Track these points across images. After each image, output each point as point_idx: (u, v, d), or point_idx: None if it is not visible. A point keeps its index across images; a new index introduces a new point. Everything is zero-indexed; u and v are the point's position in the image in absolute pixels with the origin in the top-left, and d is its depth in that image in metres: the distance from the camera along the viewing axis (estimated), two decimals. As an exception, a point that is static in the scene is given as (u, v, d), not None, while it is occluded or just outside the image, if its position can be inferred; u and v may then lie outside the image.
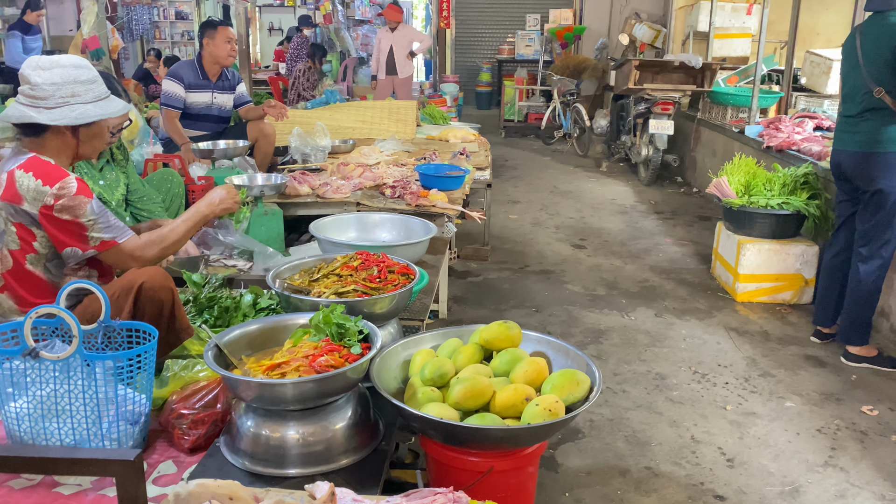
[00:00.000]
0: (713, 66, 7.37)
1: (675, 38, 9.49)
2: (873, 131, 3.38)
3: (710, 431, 2.91)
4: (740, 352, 3.65)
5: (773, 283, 4.33)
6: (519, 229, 5.88)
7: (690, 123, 7.85)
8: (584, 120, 9.28)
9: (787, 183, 4.48)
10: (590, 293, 4.45)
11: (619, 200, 7.03)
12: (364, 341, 1.97)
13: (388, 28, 9.05)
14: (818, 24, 8.82)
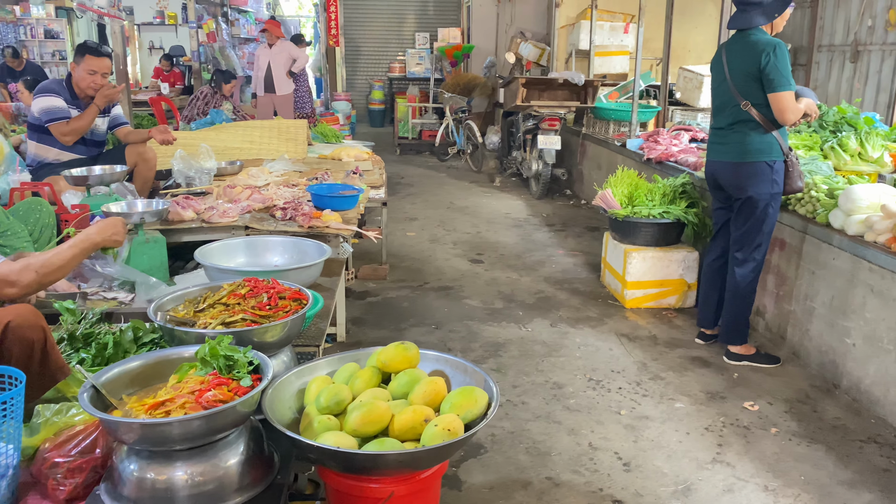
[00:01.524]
0: (594, 82, 7.68)
1: (559, 56, 9.84)
2: (742, 142, 3.61)
3: (606, 437, 2.99)
4: (631, 357, 3.79)
5: (658, 289, 4.53)
6: (417, 246, 5.88)
7: (576, 138, 8.14)
8: (476, 136, 9.44)
9: (666, 193, 4.71)
10: (488, 307, 4.50)
11: (513, 214, 7.18)
12: (255, 372, 1.90)
13: (266, 45, 8.93)
14: (689, 41, 9.40)
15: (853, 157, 4.36)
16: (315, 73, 13.13)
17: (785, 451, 2.90)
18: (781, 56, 3.41)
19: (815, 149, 4.57)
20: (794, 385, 3.49)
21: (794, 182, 3.56)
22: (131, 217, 3.02)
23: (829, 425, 3.11)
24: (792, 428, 3.08)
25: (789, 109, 3.38)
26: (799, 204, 3.82)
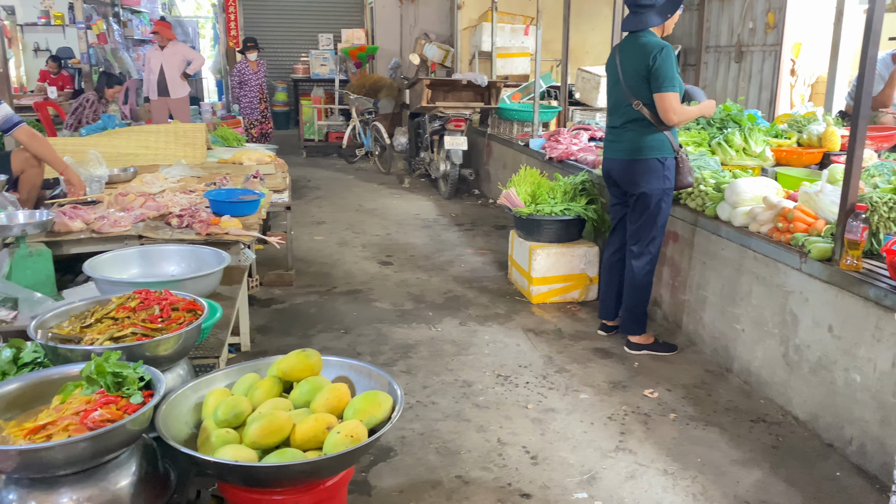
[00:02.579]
0: (497, 83, 7.81)
1: (463, 58, 9.94)
2: (635, 140, 3.74)
3: (514, 432, 3.04)
4: (538, 351, 3.87)
5: (562, 284, 4.65)
6: (325, 250, 5.81)
7: (482, 138, 8.25)
8: (384, 138, 9.41)
9: (567, 191, 4.84)
10: (398, 309, 4.49)
11: (422, 215, 7.19)
12: (147, 388, 1.82)
13: (157, 46, 8.62)
14: (587, 43, 9.69)
15: (738, 152, 4.61)
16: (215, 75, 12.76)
17: (683, 434, 3.03)
18: (667, 58, 3.56)
19: (703, 145, 4.80)
20: (690, 371, 3.65)
21: (685, 177, 3.73)
22: (11, 230, 2.84)
23: (723, 408, 3.28)
24: (689, 412, 3.23)
25: (671, 110, 3.52)
26: (689, 198, 4.00)
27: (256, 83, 9.33)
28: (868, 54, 2.77)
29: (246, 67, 9.28)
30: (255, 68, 9.28)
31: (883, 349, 2.68)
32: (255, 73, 9.32)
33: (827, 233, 3.16)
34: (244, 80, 9.27)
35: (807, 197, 3.44)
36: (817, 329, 3.04)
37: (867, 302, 2.75)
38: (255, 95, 9.38)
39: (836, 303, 2.92)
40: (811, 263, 3.05)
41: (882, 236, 2.99)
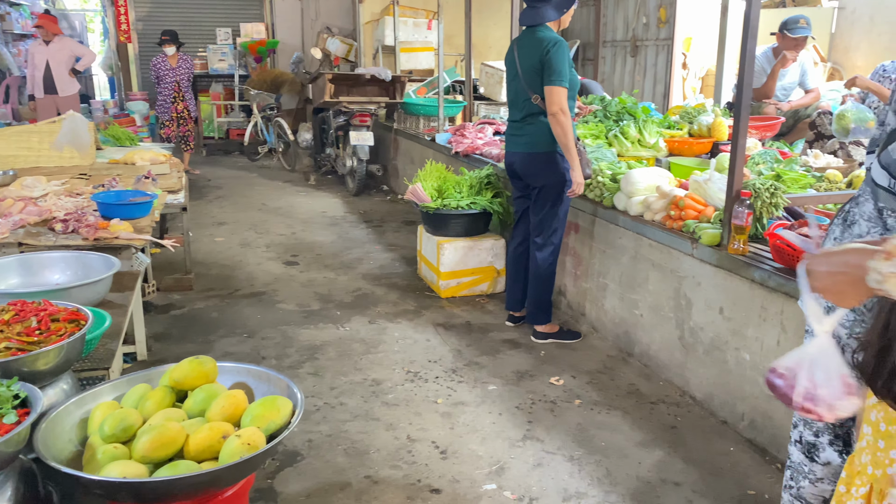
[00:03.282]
0: (402, 78, 7.78)
1: (366, 52, 9.85)
2: (535, 134, 3.80)
3: (424, 428, 3.03)
4: (448, 345, 3.88)
5: (471, 278, 4.68)
6: (226, 252, 5.62)
7: (389, 133, 8.21)
8: (287, 134, 9.21)
9: (473, 185, 4.87)
10: (304, 310, 4.39)
11: (329, 213, 7.08)
12: (22, 406, 1.70)
13: (41, 41, 8.10)
14: (490, 38, 9.79)
15: (633, 143, 4.76)
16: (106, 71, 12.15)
17: (587, 420, 3.11)
18: (559, 52, 3.62)
19: (601, 137, 4.93)
20: (594, 357, 3.74)
21: (583, 169, 3.82)
22: None
23: (625, 392, 3.38)
24: (593, 398, 3.31)
25: (556, 103, 3.56)
26: (588, 189, 4.10)
27: (172, 80, 8.65)
28: (747, 48, 2.90)
29: (163, 63, 8.59)
30: (173, 64, 8.60)
31: (768, 328, 2.83)
32: (174, 69, 8.61)
33: (716, 219, 3.31)
34: (160, 77, 8.59)
35: (696, 185, 3.59)
36: (709, 312, 3.17)
37: (753, 284, 2.89)
38: (170, 94, 8.71)
39: (726, 286, 3.06)
40: (702, 249, 3.18)
41: (765, 221, 3.15)
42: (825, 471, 1.99)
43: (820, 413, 1.36)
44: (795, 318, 2.69)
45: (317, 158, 9.00)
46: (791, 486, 2.08)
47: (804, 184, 3.62)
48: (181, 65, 8.63)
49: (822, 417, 1.34)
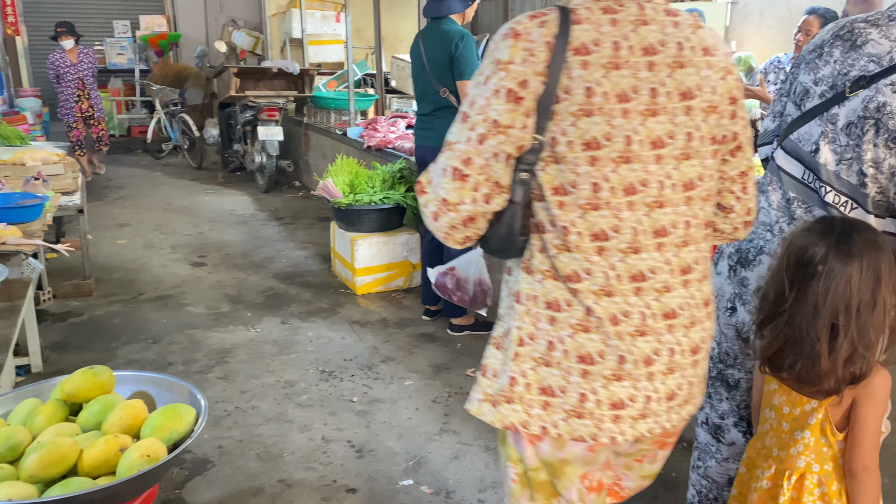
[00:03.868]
0: (311, 71, 7.63)
1: (274, 45, 9.62)
2: (444, 127, 3.72)
3: (339, 427, 2.98)
4: (363, 343, 3.83)
5: (386, 273, 4.65)
6: (129, 255, 5.37)
7: (299, 128, 8.04)
8: (192, 131, 8.90)
9: (386, 179, 4.83)
10: (213, 312, 4.25)
11: (238, 211, 6.89)
12: None
13: None
14: (400, 30, 9.73)
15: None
16: (-8, 65, 11.40)
17: (503, 410, 3.13)
18: (468, 46, 3.63)
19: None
20: (509, 348, 3.78)
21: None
22: None
23: (539, 380, 3.43)
24: (508, 388, 3.34)
25: None
26: (499, 181, 4.13)
27: (74, 77, 7.97)
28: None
29: (61, 59, 7.89)
30: (73, 59, 7.91)
31: (672, 312, 2.93)
32: (74, 65, 7.92)
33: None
34: (60, 75, 7.87)
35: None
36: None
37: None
38: (73, 93, 8.03)
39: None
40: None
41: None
42: (730, 451, 2.07)
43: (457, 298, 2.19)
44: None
45: (224, 155, 8.72)
46: (699, 465, 2.15)
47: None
48: (83, 59, 7.96)
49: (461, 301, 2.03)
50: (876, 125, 1.49)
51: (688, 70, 1.26)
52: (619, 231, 1.26)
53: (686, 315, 1.33)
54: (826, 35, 1.67)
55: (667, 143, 1.25)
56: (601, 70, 1.21)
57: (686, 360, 1.34)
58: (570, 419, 1.31)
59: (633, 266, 1.27)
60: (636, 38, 1.23)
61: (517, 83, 1.22)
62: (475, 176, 1.26)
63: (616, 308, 1.28)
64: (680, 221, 1.29)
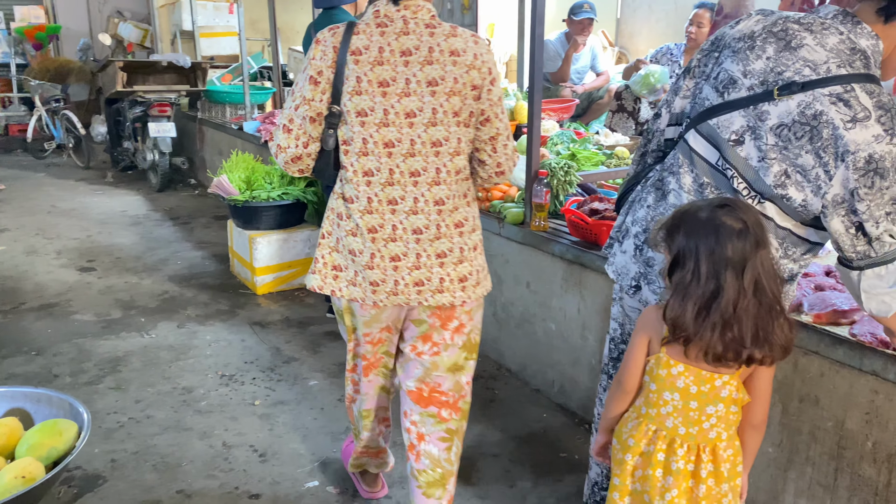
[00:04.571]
0: (203, 64, 7.37)
1: (164, 38, 9.23)
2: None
3: (241, 432, 2.89)
4: (265, 344, 3.73)
5: (288, 271, 4.54)
6: (8, 262, 5.02)
7: (194, 124, 7.75)
8: (77, 128, 8.41)
9: (284, 174, 4.72)
10: (103, 319, 4.03)
11: (130, 212, 6.57)
12: None
13: None
14: (297, 23, 9.53)
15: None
16: None
17: (409, 404, 3.13)
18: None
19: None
20: (415, 341, 3.78)
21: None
22: None
23: (445, 371, 3.44)
24: (414, 381, 3.34)
25: None
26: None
27: None
28: (536, 34, 3.03)
29: None
30: None
31: (569, 298, 3.00)
32: None
33: (519, 198, 3.45)
34: None
35: (501, 166, 3.72)
36: (518, 287, 3.31)
37: (554, 257, 3.05)
38: None
39: (530, 261, 3.20)
40: (508, 227, 3.30)
41: (562, 198, 3.33)
42: None
43: None
44: (592, 286, 2.87)
45: (114, 153, 8.30)
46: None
47: (596, 161, 3.87)
48: None
49: None
50: (811, 133, 1.50)
51: (435, 66, 1.86)
52: (379, 171, 1.90)
53: (432, 232, 1.94)
54: (756, 27, 1.66)
55: (417, 114, 1.87)
56: (368, 65, 1.84)
57: (432, 262, 1.96)
58: (349, 287, 1.99)
59: (390, 194, 1.91)
60: (397, 45, 1.85)
61: (316, 72, 1.87)
62: (296, 130, 1.93)
63: (375, 222, 1.92)
64: (431, 167, 1.91)
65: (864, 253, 1.53)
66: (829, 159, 1.48)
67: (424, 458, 2.15)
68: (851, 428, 1.94)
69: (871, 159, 1.45)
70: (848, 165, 1.46)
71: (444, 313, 2.05)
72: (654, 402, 1.62)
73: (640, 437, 1.63)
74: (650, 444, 1.63)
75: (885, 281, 1.56)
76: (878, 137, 1.45)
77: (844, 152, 1.46)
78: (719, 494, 1.58)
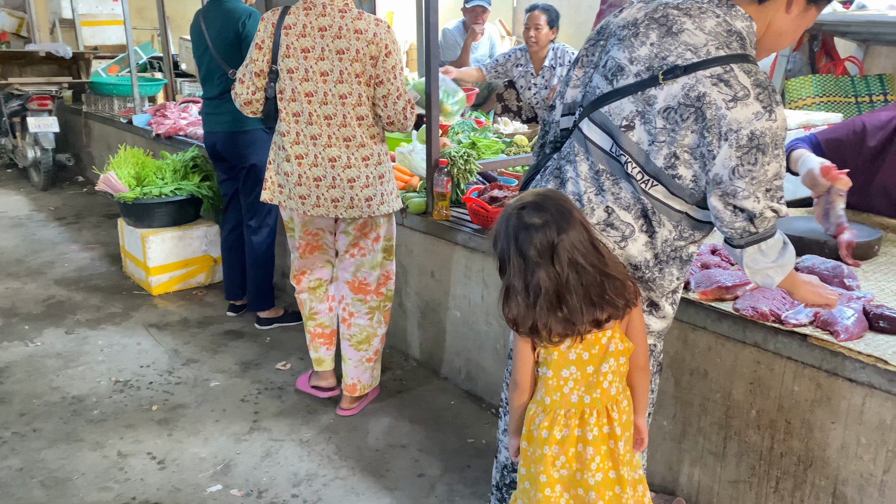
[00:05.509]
0: (85, 55, 6.98)
1: (42, 27, 8.66)
2: (235, 111, 3.59)
3: (138, 440, 2.76)
4: (162, 346, 3.58)
5: (184, 270, 4.37)
6: None
7: (79, 118, 7.31)
8: (-54, 124, 7.77)
9: (177, 169, 4.53)
10: (-19, 328, 3.76)
11: (11, 213, 6.15)
12: None
13: None
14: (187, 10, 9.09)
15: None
16: None
17: (315, 400, 3.07)
18: (256, 25, 3.48)
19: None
20: (320, 336, 3.71)
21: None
22: None
23: (352, 365, 3.40)
24: (321, 376, 3.29)
25: None
26: (299, 166, 4.02)
27: None
28: (430, 22, 3.02)
29: None
30: None
31: (473, 286, 3.02)
32: None
33: (421, 188, 3.43)
34: None
35: (402, 157, 3.70)
36: (423, 277, 3.31)
37: (457, 246, 3.06)
38: None
39: (435, 250, 3.20)
40: (411, 217, 3.29)
41: (463, 186, 3.35)
42: None
43: None
44: (494, 273, 2.89)
45: (-10, 151, 7.74)
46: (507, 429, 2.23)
47: (496, 149, 3.91)
48: None
49: None
50: (696, 113, 1.54)
51: (342, 40, 2.56)
52: (303, 113, 2.64)
53: (343, 161, 2.66)
54: (638, 14, 1.69)
55: (329, 74, 2.59)
56: (295, 37, 2.59)
57: (344, 184, 2.67)
58: (287, 199, 2.75)
59: (311, 131, 2.65)
60: (316, 23, 2.58)
61: (260, 41, 2.66)
62: (247, 82, 2.71)
63: (301, 151, 2.68)
64: (339, 113, 2.62)
65: (743, 229, 1.60)
66: (712, 139, 1.53)
67: (354, 327, 2.92)
68: (737, 398, 2.05)
69: (752, 136, 1.51)
70: (731, 144, 1.51)
71: (363, 227, 2.81)
72: (554, 387, 1.64)
73: (552, 426, 1.66)
74: (563, 427, 1.67)
75: (767, 256, 1.63)
76: (758, 114, 1.50)
77: (728, 131, 1.51)
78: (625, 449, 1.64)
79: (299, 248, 2.92)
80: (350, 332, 2.93)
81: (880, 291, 2.17)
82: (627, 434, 1.65)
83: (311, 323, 3.04)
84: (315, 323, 3.04)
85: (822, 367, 1.85)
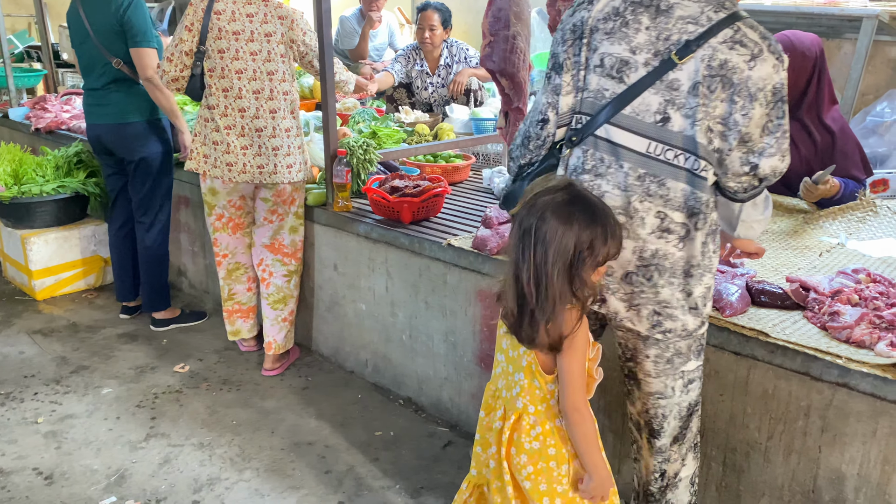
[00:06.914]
0: (-47, 44, 6.41)
1: None
2: (123, 102, 3.43)
3: (21, 455, 2.58)
4: (48, 354, 3.37)
5: (72, 272, 4.12)
6: None
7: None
8: None
9: (60, 165, 4.25)
10: None
11: None
12: None
13: None
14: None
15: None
16: None
17: (216, 401, 2.97)
18: (139, 11, 3.30)
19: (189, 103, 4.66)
20: (222, 334, 3.56)
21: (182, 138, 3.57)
22: None
23: (255, 363, 3.30)
24: (222, 377, 3.17)
25: (149, 66, 3.28)
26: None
27: None
28: (322, 8, 2.95)
29: None
30: None
31: (377, 277, 2.99)
32: None
33: (321, 179, 3.36)
34: None
35: (300, 147, 3.61)
36: (326, 270, 3.24)
37: (359, 238, 3.02)
38: None
39: (337, 243, 3.15)
40: (311, 210, 3.21)
41: (364, 177, 3.30)
42: None
43: None
44: (398, 264, 2.87)
45: None
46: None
47: (398, 139, 3.88)
48: None
49: None
50: (722, 81, 1.53)
51: (268, 24, 2.97)
52: (232, 88, 2.95)
53: (269, 132, 2.98)
54: (616, 2, 1.63)
55: (258, 53, 2.96)
56: (226, 21, 2.92)
57: (269, 152, 2.99)
58: (213, 168, 3.01)
59: (240, 105, 2.96)
60: (244, 10, 2.95)
61: (189, 23, 2.92)
62: (175, 60, 2.94)
63: (230, 122, 2.97)
64: (266, 88, 2.97)
65: (749, 183, 1.62)
66: (744, 102, 1.54)
67: (272, 287, 3.16)
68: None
69: (776, 90, 1.55)
70: (762, 102, 1.54)
71: (280, 193, 3.08)
72: (495, 361, 1.68)
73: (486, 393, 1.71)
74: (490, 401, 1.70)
75: (757, 209, 1.69)
76: (776, 67, 1.54)
77: (756, 91, 1.53)
78: (518, 465, 1.61)
79: (221, 220, 3.13)
80: (268, 292, 3.17)
81: (762, 268, 2.29)
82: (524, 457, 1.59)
83: (229, 303, 3.27)
84: (233, 302, 3.27)
85: (710, 342, 1.93)
